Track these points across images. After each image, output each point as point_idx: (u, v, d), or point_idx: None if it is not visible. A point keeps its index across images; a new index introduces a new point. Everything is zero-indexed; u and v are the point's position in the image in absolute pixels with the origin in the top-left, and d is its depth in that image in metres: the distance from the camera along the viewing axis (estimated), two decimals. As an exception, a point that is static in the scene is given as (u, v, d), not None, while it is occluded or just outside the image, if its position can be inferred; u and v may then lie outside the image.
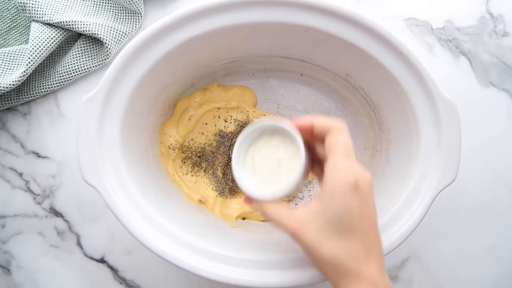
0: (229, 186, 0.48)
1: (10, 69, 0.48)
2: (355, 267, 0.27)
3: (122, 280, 0.49)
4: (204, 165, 0.48)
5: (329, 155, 0.29)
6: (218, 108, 0.48)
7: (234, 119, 0.48)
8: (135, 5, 0.48)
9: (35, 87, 0.49)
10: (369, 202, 0.28)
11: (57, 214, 0.49)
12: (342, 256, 0.28)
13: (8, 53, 0.48)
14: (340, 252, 0.28)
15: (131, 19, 0.50)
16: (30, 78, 0.49)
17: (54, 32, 0.47)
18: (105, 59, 0.49)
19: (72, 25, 0.47)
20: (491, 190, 0.49)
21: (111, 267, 0.49)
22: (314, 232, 0.28)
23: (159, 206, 0.39)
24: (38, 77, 0.49)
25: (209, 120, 0.48)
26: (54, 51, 0.50)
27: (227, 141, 0.48)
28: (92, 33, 0.47)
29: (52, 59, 0.50)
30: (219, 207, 0.47)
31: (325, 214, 0.28)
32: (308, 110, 0.49)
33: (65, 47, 0.50)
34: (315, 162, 0.34)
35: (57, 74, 0.49)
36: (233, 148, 0.45)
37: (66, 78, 0.49)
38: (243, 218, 0.48)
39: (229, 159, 0.48)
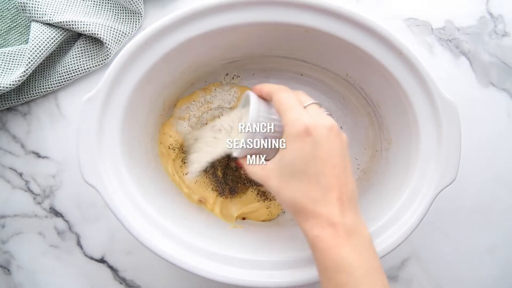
0: (229, 186, 0.48)
1: (10, 69, 0.48)
2: (311, 207, 0.29)
3: (122, 280, 0.49)
4: (204, 165, 0.48)
5: (280, 114, 0.33)
6: (218, 108, 0.48)
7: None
8: (135, 5, 0.48)
9: (35, 87, 0.49)
10: (323, 145, 0.30)
11: (57, 214, 0.49)
12: (298, 197, 0.30)
13: (8, 53, 0.48)
14: (296, 194, 0.30)
15: (131, 19, 0.50)
16: (30, 78, 0.49)
17: (54, 32, 0.47)
18: (105, 59, 0.49)
19: (72, 25, 0.47)
20: (491, 190, 0.49)
21: (111, 267, 0.49)
22: (276, 178, 0.32)
23: (159, 206, 0.39)
24: (38, 77, 0.49)
25: (209, 120, 0.48)
26: (54, 51, 0.50)
27: (227, 141, 0.48)
28: (92, 33, 0.47)
29: (52, 59, 0.50)
30: (219, 207, 0.47)
31: (282, 161, 0.31)
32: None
33: (65, 47, 0.50)
34: None
35: (57, 74, 0.49)
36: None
37: (66, 78, 0.49)
38: (243, 218, 0.48)
39: (229, 159, 0.48)
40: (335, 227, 0.28)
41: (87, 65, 0.49)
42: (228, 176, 0.48)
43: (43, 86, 0.49)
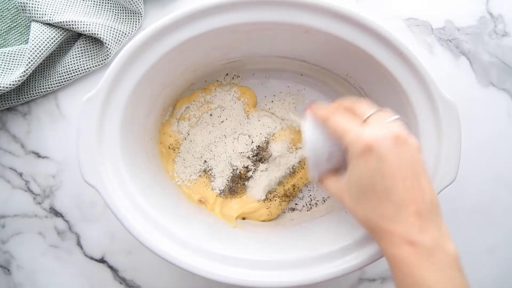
0: (229, 186, 0.48)
1: (10, 69, 0.48)
2: (385, 226, 0.28)
3: (122, 280, 0.49)
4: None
5: (340, 140, 0.32)
6: (218, 108, 0.48)
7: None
8: (135, 5, 0.48)
9: (35, 87, 0.49)
10: (388, 159, 0.27)
11: (57, 214, 0.49)
12: (371, 216, 0.29)
13: (8, 53, 0.48)
14: (369, 213, 0.29)
15: (131, 19, 0.50)
16: (30, 78, 0.49)
17: (54, 32, 0.47)
18: (105, 59, 0.49)
19: (72, 25, 0.47)
20: (491, 190, 0.49)
21: (111, 267, 0.49)
22: (349, 198, 0.31)
23: (159, 206, 0.39)
24: (38, 77, 0.49)
25: (209, 120, 0.48)
26: (54, 51, 0.50)
27: (227, 141, 0.48)
28: (92, 33, 0.47)
29: (52, 59, 0.50)
30: (219, 207, 0.47)
31: (350, 181, 0.30)
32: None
33: (65, 47, 0.50)
34: None
35: (57, 74, 0.49)
36: None
37: (66, 78, 0.49)
38: (243, 218, 0.48)
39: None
40: (414, 246, 0.27)
41: (87, 65, 0.49)
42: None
43: (43, 86, 0.49)
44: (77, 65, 0.49)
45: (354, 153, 0.29)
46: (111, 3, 0.50)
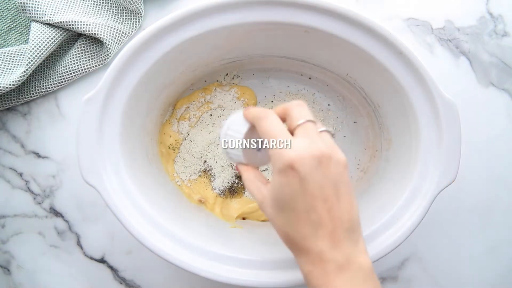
0: (229, 186, 0.48)
1: (10, 69, 0.48)
2: (302, 243, 0.28)
3: (122, 280, 0.49)
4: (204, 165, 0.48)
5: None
6: (218, 108, 0.48)
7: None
8: (135, 5, 0.48)
9: (35, 87, 0.49)
10: (311, 179, 0.27)
11: (57, 214, 0.49)
12: (289, 231, 0.29)
13: (8, 53, 0.48)
14: (287, 228, 0.29)
15: (131, 19, 0.50)
16: (30, 78, 0.49)
17: (54, 32, 0.47)
18: (105, 59, 0.49)
19: (72, 25, 0.47)
20: (491, 190, 0.49)
21: (111, 267, 0.49)
22: (269, 207, 0.30)
23: (159, 206, 0.39)
24: (38, 77, 0.49)
25: (209, 120, 0.48)
26: (54, 51, 0.50)
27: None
28: (92, 33, 0.47)
29: (52, 59, 0.50)
30: (219, 207, 0.47)
31: (272, 193, 0.29)
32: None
33: (65, 47, 0.50)
34: None
35: (57, 74, 0.49)
36: None
37: (66, 78, 0.49)
38: (243, 218, 0.48)
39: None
40: (325, 263, 0.27)
41: (87, 65, 0.49)
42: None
43: (43, 86, 0.49)
44: (77, 65, 0.49)
45: (276, 168, 0.28)
46: (111, 3, 0.50)
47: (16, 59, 0.48)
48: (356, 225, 0.29)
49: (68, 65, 0.49)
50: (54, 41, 0.47)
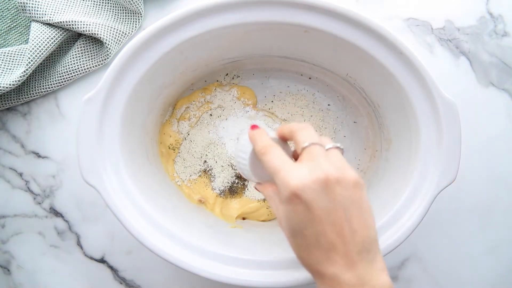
0: (229, 186, 0.48)
1: (10, 69, 0.48)
2: (316, 268, 0.28)
3: (122, 280, 0.49)
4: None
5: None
6: (218, 108, 0.48)
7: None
8: (135, 5, 0.48)
9: (35, 87, 0.49)
10: (317, 205, 0.27)
11: (57, 214, 0.49)
12: (303, 256, 0.29)
13: (8, 53, 0.48)
14: (301, 253, 0.29)
15: (131, 19, 0.50)
16: (30, 78, 0.49)
17: (54, 32, 0.47)
18: (105, 59, 0.49)
19: (72, 25, 0.47)
20: (491, 190, 0.49)
21: (111, 267, 0.49)
22: (285, 230, 0.30)
23: (159, 206, 0.39)
24: (38, 77, 0.49)
25: (209, 120, 0.48)
26: (54, 51, 0.50)
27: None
28: (92, 33, 0.47)
29: (52, 59, 0.50)
30: (219, 207, 0.47)
31: (283, 220, 0.29)
32: (309, 109, 0.49)
33: (65, 47, 0.50)
34: None
35: (57, 74, 0.49)
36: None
37: (66, 78, 0.49)
38: (243, 218, 0.48)
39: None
40: (340, 286, 0.27)
41: (87, 65, 0.49)
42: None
43: (43, 86, 0.49)
44: (77, 65, 0.49)
45: (282, 198, 0.28)
46: (111, 3, 0.50)
47: (16, 59, 0.48)
48: (371, 245, 0.28)
49: (68, 65, 0.49)
50: (54, 41, 0.47)
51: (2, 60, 0.48)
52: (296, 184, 0.27)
